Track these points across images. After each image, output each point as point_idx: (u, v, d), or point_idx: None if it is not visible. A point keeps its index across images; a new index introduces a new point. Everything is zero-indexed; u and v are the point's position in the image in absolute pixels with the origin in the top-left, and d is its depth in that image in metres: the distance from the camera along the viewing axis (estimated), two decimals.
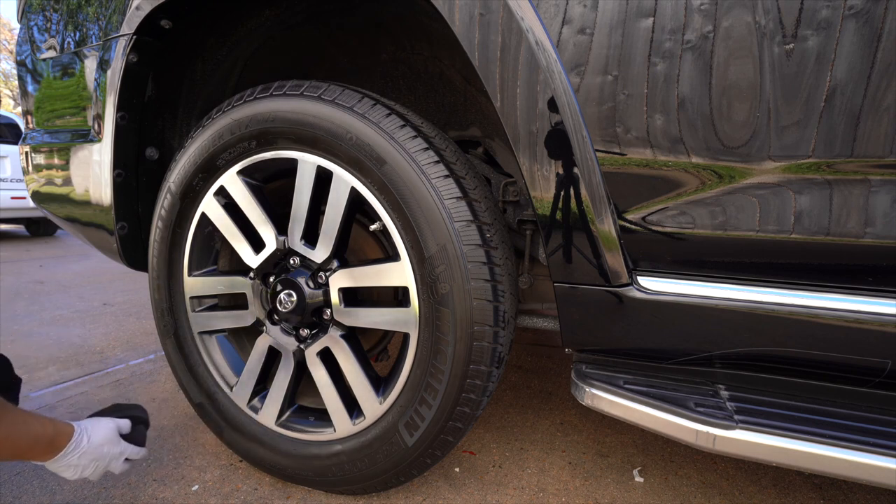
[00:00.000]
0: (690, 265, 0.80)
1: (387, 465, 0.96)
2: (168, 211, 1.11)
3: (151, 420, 1.38)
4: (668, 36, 0.70)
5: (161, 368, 1.78)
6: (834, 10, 0.63)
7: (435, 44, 1.19)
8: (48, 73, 1.35)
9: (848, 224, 0.69)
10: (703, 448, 0.75)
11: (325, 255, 0.97)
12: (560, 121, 0.77)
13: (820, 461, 0.70)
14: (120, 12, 1.10)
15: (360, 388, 0.97)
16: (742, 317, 0.77)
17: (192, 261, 1.13)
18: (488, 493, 1.09)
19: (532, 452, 1.26)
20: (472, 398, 0.89)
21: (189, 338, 1.16)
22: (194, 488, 1.08)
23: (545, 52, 0.76)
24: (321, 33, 1.27)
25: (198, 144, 1.05)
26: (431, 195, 0.85)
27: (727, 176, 0.73)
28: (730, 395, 0.83)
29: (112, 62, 1.11)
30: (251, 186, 1.03)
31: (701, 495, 1.10)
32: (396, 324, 0.94)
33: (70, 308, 2.62)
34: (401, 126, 0.88)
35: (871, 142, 0.65)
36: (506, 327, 0.90)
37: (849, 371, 0.79)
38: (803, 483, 1.16)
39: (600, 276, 0.82)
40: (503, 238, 0.94)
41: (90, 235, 1.34)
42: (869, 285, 0.72)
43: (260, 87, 0.99)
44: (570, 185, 0.79)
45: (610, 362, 0.94)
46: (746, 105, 0.69)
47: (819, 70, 0.65)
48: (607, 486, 1.12)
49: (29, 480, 1.09)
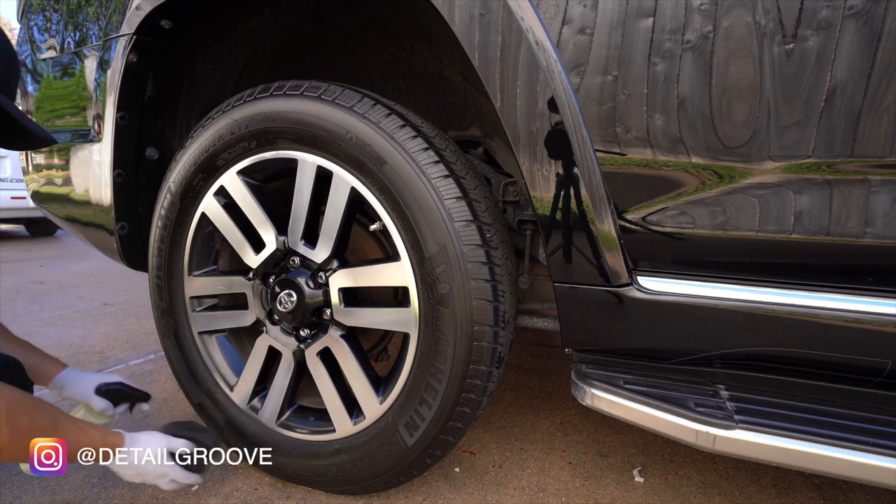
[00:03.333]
0: (690, 265, 0.80)
1: (387, 465, 0.96)
2: (168, 211, 1.11)
3: (151, 420, 1.38)
4: (668, 36, 0.70)
5: (161, 368, 1.78)
6: (834, 10, 0.63)
7: (435, 44, 1.19)
8: (48, 73, 1.35)
9: (848, 224, 0.69)
10: (703, 448, 0.75)
11: (325, 255, 0.97)
12: (560, 121, 0.77)
13: (820, 461, 0.70)
14: (120, 12, 1.10)
15: (360, 388, 0.97)
16: (742, 317, 0.77)
17: (192, 261, 1.13)
18: (488, 493, 1.09)
19: (532, 452, 1.26)
20: (472, 398, 0.89)
21: (189, 338, 1.15)
22: (194, 488, 1.08)
23: (545, 52, 0.76)
24: (321, 33, 1.27)
25: (198, 144, 1.04)
26: (431, 195, 0.85)
27: (727, 176, 0.73)
28: (730, 395, 0.83)
29: (112, 62, 1.11)
30: (251, 186, 1.03)
31: (701, 495, 1.10)
32: (396, 324, 0.94)
33: (70, 308, 2.62)
34: (401, 126, 0.88)
35: (871, 142, 0.65)
36: (506, 327, 0.90)
37: (849, 371, 0.79)
38: (803, 483, 1.16)
39: (600, 276, 0.82)
40: (503, 238, 0.94)
41: (90, 235, 1.34)
42: (869, 285, 0.72)
43: (260, 87, 0.99)
44: (570, 185, 0.79)
45: (610, 362, 0.94)
46: (746, 105, 0.69)
47: (819, 70, 0.65)
48: (607, 486, 1.12)
49: (29, 480, 1.09)
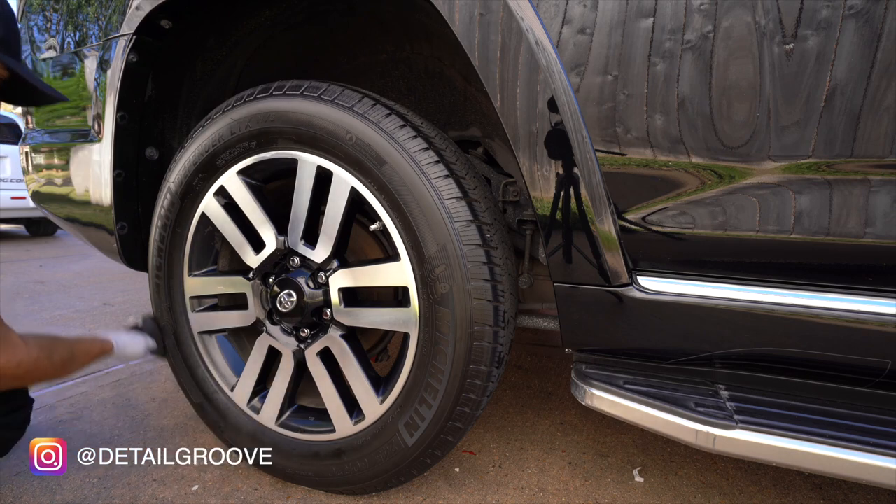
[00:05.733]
0: (690, 265, 0.80)
1: (387, 465, 0.96)
2: (168, 211, 1.11)
3: (151, 420, 1.38)
4: (668, 36, 0.70)
5: (161, 368, 1.78)
6: (834, 10, 0.63)
7: (435, 44, 1.19)
8: (48, 73, 1.35)
9: (848, 224, 0.69)
10: (703, 448, 0.75)
11: (325, 255, 0.97)
12: (560, 121, 0.77)
13: (820, 461, 0.70)
14: (120, 12, 1.10)
15: (360, 388, 0.97)
16: (742, 317, 0.77)
17: (192, 261, 1.13)
18: (488, 493, 1.09)
19: (532, 452, 1.26)
20: (472, 398, 0.89)
21: (189, 338, 1.15)
22: (194, 488, 1.08)
23: (545, 52, 0.76)
24: (321, 33, 1.27)
25: (198, 144, 1.04)
26: (431, 195, 0.85)
27: (727, 176, 0.73)
28: (730, 395, 0.83)
29: (112, 62, 1.11)
30: (251, 186, 1.03)
31: (701, 495, 1.10)
32: (396, 324, 0.94)
33: (70, 308, 2.62)
34: (401, 126, 0.88)
35: (871, 142, 0.65)
36: (506, 327, 0.90)
37: (849, 371, 0.79)
38: (803, 483, 1.16)
39: (600, 276, 0.82)
40: (503, 238, 0.94)
41: (90, 235, 1.34)
42: (869, 285, 0.72)
43: (260, 87, 0.99)
44: (570, 185, 0.79)
45: (610, 362, 0.94)
46: (746, 105, 0.69)
47: (819, 70, 0.65)
48: (607, 486, 1.12)
49: (29, 480, 1.09)
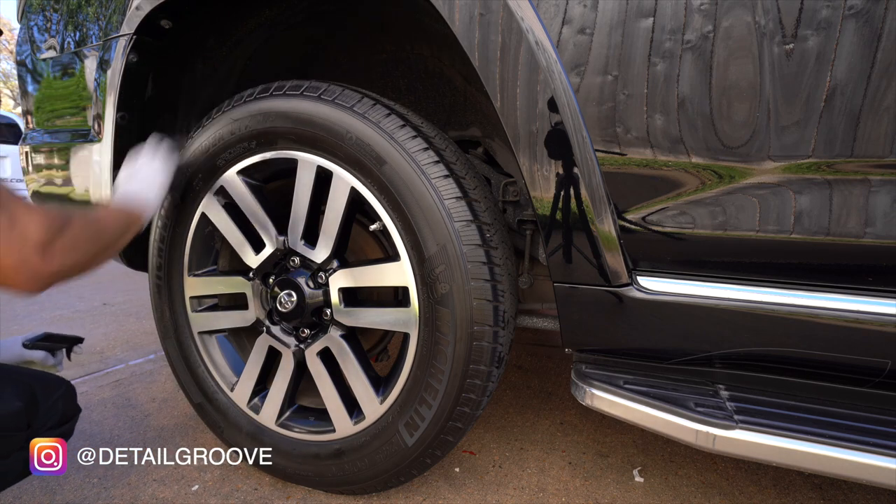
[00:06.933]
0: (690, 265, 0.80)
1: (387, 465, 0.96)
2: (168, 211, 1.11)
3: (151, 420, 1.38)
4: (668, 36, 0.70)
5: (161, 368, 1.78)
6: (834, 10, 0.63)
7: (435, 44, 1.19)
8: (48, 73, 1.35)
9: (848, 224, 0.69)
10: (703, 448, 0.75)
11: (325, 255, 0.97)
12: (560, 121, 0.77)
13: (820, 461, 0.70)
14: (120, 12, 1.09)
15: (360, 388, 0.97)
16: (742, 317, 0.77)
17: (192, 261, 1.13)
18: (488, 493, 1.09)
19: (532, 452, 1.26)
20: (472, 398, 0.89)
21: (189, 338, 1.15)
22: (194, 488, 1.08)
23: (545, 52, 0.76)
24: (321, 33, 1.27)
25: (197, 144, 1.05)
26: (431, 195, 0.85)
27: (727, 176, 0.73)
28: (730, 395, 0.83)
29: (112, 62, 1.11)
30: (251, 186, 1.03)
31: (701, 495, 1.10)
32: (396, 324, 0.94)
33: (70, 308, 2.62)
34: (401, 126, 0.88)
35: (871, 142, 0.65)
36: (506, 327, 0.90)
37: (849, 371, 0.79)
38: (803, 483, 1.16)
39: (600, 276, 0.82)
40: (503, 238, 0.94)
41: None
42: (869, 285, 0.72)
43: (260, 87, 0.99)
44: (570, 185, 0.79)
45: (610, 362, 0.94)
46: (746, 105, 0.69)
47: (819, 70, 0.65)
48: (607, 486, 1.12)
49: (29, 481, 1.09)
